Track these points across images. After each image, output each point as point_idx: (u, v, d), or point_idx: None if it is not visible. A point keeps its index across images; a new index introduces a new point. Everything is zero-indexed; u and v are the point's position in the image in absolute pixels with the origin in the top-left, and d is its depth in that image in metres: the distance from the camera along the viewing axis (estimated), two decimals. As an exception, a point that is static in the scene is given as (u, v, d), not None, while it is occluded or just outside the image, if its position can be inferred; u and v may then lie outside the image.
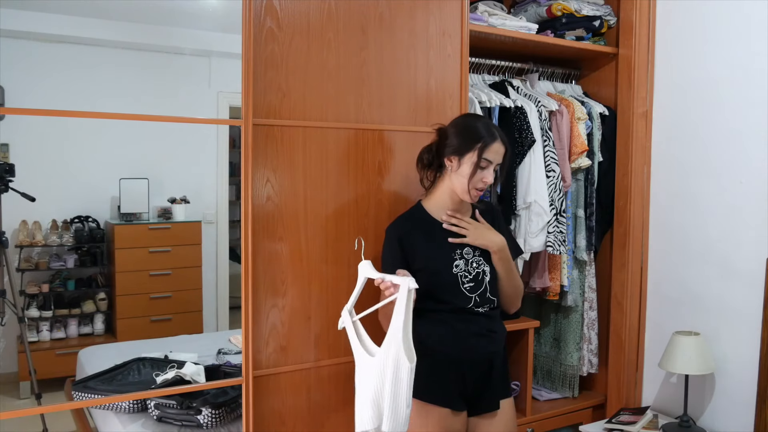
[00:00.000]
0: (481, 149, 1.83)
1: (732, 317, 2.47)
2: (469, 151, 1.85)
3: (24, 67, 2.69)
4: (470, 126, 1.89)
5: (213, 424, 2.20)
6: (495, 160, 1.86)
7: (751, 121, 2.41)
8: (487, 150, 1.84)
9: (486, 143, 1.84)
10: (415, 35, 2.30)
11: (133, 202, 3.02)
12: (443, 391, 1.88)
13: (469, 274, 1.90)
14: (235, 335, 2.79)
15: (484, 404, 1.94)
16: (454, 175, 1.90)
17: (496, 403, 1.95)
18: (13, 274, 2.62)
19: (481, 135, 1.85)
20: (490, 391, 1.93)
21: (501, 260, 1.95)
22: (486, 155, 1.84)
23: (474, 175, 1.84)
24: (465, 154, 1.86)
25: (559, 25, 2.78)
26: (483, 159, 1.84)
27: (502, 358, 1.99)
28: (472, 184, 1.85)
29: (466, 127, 1.90)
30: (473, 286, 1.90)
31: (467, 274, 1.90)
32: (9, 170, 2.45)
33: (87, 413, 2.45)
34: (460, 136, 1.88)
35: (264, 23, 2.01)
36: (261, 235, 2.04)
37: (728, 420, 2.50)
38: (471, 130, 1.87)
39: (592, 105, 2.85)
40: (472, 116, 2.01)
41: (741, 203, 2.45)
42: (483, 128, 1.87)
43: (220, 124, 3.20)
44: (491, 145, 1.84)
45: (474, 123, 1.90)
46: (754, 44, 2.39)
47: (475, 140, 1.85)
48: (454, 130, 1.91)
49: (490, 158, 1.84)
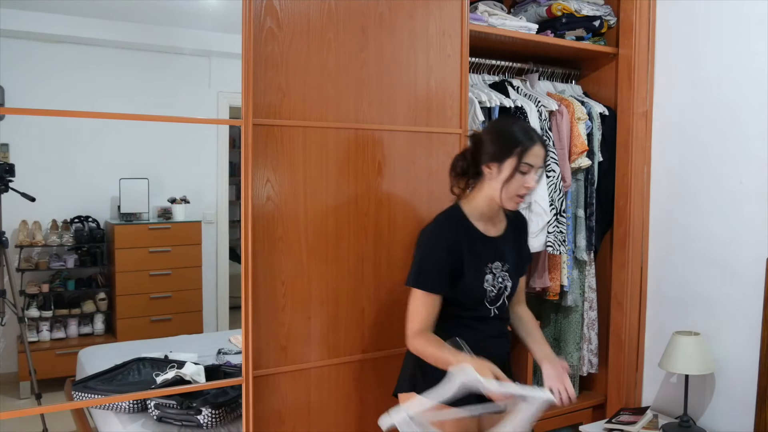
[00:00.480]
0: (521, 154, 1.75)
1: (732, 317, 2.47)
2: (509, 157, 1.76)
3: (24, 67, 2.69)
4: (507, 131, 1.81)
5: (213, 424, 2.20)
6: (536, 164, 1.77)
7: (750, 121, 2.41)
8: (527, 154, 1.75)
9: (526, 147, 1.75)
10: (415, 35, 2.30)
11: (133, 202, 3.02)
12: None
13: (495, 289, 1.87)
14: (235, 335, 2.79)
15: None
16: (494, 183, 1.80)
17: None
18: (13, 274, 2.62)
19: (519, 139, 1.76)
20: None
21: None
22: (527, 159, 1.75)
23: (516, 181, 1.76)
24: (504, 160, 1.76)
25: (559, 25, 2.78)
26: (524, 164, 1.75)
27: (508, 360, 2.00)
28: (514, 191, 1.77)
29: (502, 132, 1.82)
30: (494, 298, 1.89)
31: (493, 289, 1.87)
32: (9, 170, 2.45)
33: (87, 413, 2.45)
34: (498, 141, 1.80)
35: (264, 23, 2.01)
36: (261, 235, 2.04)
37: (728, 420, 2.50)
38: (508, 135, 1.79)
39: (592, 105, 2.85)
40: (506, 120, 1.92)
41: (741, 203, 2.45)
42: (521, 132, 1.79)
43: (220, 124, 3.20)
44: (531, 149, 1.75)
45: (510, 127, 1.82)
46: (754, 44, 2.39)
47: (514, 145, 1.76)
48: (490, 136, 1.83)
49: (531, 162, 1.76)
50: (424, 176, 2.34)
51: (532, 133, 1.79)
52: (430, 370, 1.81)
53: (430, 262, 1.80)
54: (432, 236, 1.85)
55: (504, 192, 1.78)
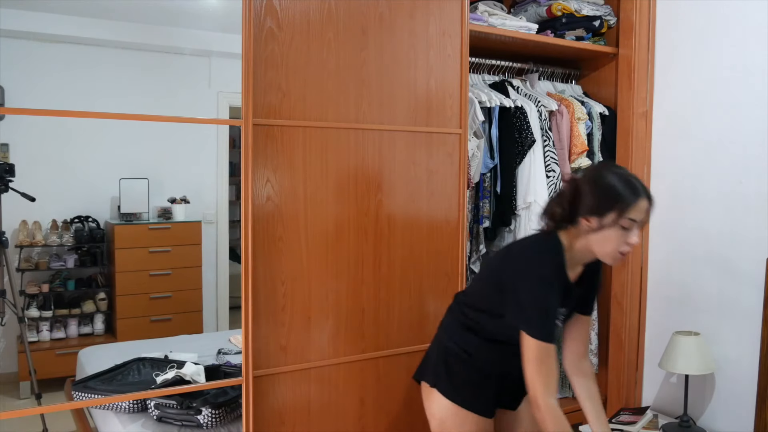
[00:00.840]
0: (624, 209, 1.62)
1: (732, 317, 2.47)
2: (610, 212, 1.63)
3: (24, 67, 2.69)
4: (609, 183, 1.66)
5: (213, 424, 2.20)
6: (639, 219, 1.64)
7: (750, 121, 2.41)
8: (631, 210, 1.62)
9: (629, 203, 1.62)
10: (415, 35, 2.30)
11: (133, 202, 3.03)
12: (484, 401, 1.85)
13: None
14: (235, 335, 2.79)
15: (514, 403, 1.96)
16: (592, 236, 1.68)
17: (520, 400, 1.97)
18: (13, 274, 2.62)
19: (622, 194, 1.63)
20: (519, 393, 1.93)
21: None
22: (630, 215, 1.62)
23: (617, 237, 1.64)
24: (605, 215, 1.63)
25: (559, 25, 2.78)
26: (627, 219, 1.63)
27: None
28: (615, 247, 1.66)
29: (603, 184, 1.66)
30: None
31: None
32: (9, 170, 2.45)
33: (87, 413, 2.45)
34: (598, 194, 1.66)
35: (264, 23, 2.01)
36: (261, 235, 2.04)
37: (728, 420, 2.50)
38: (610, 189, 1.65)
39: (592, 105, 2.85)
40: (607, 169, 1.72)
41: (741, 203, 2.44)
42: (623, 185, 1.64)
43: (220, 124, 3.20)
44: (635, 204, 1.62)
45: (612, 179, 1.66)
46: (754, 44, 2.39)
47: (616, 200, 1.63)
48: (590, 188, 1.68)
49: (634, 218, 1.63)
50: (424, 176, 2.35)
51: (636, 185, 1.65)
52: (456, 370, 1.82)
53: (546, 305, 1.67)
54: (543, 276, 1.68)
55: (603, 248, 1.67)
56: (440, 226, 2.39)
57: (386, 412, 2.31)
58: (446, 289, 2.41)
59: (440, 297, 2.40)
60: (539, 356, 1.66)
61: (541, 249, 1.74)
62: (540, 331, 1.65)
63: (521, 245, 1.82)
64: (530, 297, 1.67)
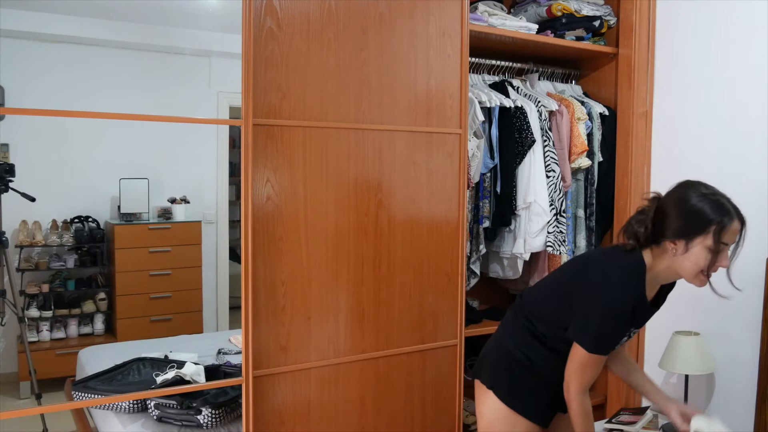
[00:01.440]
0: (717, 233, 1.56)
1: (732, 317, 2.47)
2: (700, 235, 1.57)
3: (24, 67, 2.69)
4: (697, 207, 1.59)
5: (213, 424, 2.20)
6: (731, 241, 1.59)
7: (750, 121, 2.40)
8: (725, 234, 1.57)
9: (723, 225, 1.56)
10: (415, 35, 2.30)
11: (133, 202, 3.03)
12: (539, 407, 1.84)
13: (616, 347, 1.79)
14: (235, 335, 2.80)
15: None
16: (679, 259, 1.62)
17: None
18: (13, 274, 2.62)
19: (712, 217, 1.57)
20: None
21: None
22: (724, 240, 1.57)
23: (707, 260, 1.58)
24: (695, 238, 1.58)
25: (559, 25, 2.78)
26: (721, 243, 1.56)
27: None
28: (703, 269, 1.60)
29: (691, 208, 1.60)
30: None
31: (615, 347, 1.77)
32: (9, 170, 2.45)
33: (87, 413, 2.45)
34: (687, 218, 1.60)
35: (264, 23, 2.01)
36: (261, 235, 2.04)
37: (728, 420, 2.49)
38: (698, 213, 1.58)
39: (592, 105, 2.85)
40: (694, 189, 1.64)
41: (741, 203, 2.44)
42: (714, 207, 1.58)
43: (220, 124, 3.20)
44: (729, 227, 1.57)
45: (701, 202, 1.60)
46: (754, 44, 2.39)
47: (708, 223, 1.57)
48: (677, 211, 1.61)
49: (726, 241, 1.57)
50: (424, 176, 2.35)
51: (728, 206, 1.59)
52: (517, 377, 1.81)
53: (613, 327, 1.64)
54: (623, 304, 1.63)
55: (692, 271, 1.62)
56: (440, 226, 2.39)
57: (386, 412, 2.31)
58: (446, 289, 2.41)
59: (440, 297, 2.40)
60: (586, 363, 1.67)
61: (624, 271, 1.66)
62: (596, 347, 1.64)
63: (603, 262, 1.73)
64: (600, 320, 1.63)
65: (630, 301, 1.62)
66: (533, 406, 1.82)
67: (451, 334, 2.43)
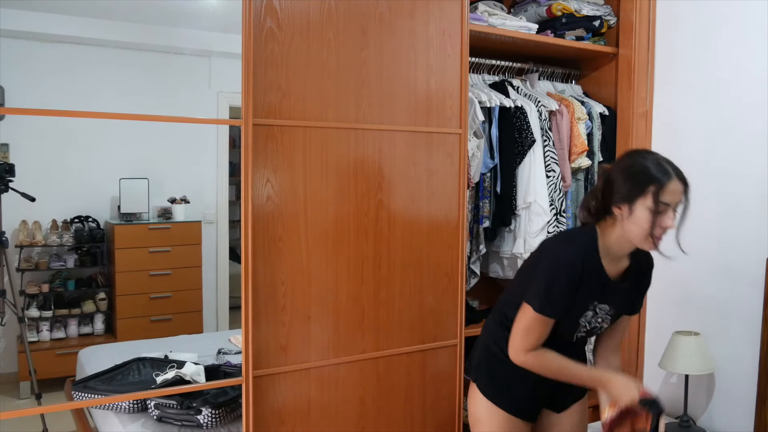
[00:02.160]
0: (656, 192, 1.60)
1: (732, 317, 2.47)
2: (641, 196, 1.61)
3: (24, 67, 2.69)
4: (639, 167, 1.65)
5: (213, 424, 2.20)
6: (673, 201, 1.62)
7: (750, 121, 2.40)
8: (664, 192, 1.60)
9: (661, 185, 1.60)
10: (415, 35, 2.30)
11: (133, 202, 3.03)
12: (519, 402, 1.84)
13: (589, 326, 1.77)
14: (235, 335, 2.80)
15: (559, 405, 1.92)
16: (626, 224, 1.65)
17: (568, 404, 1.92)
18: (13, 274, 2.62)
19: (652, 176, 1.61)
20: (565, 395, 1.90)
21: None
22: (663, 198, 1.60)
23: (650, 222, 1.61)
24: (636, 200, 1.62)
25: (559, 25, 2.78)
26: (660, 203, 1.60)
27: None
28: (649, 232, 1.62)
29: (634, 169, 1.66)
30: (583, 336, 1.80)
31: (587, 326, 1.77)
32: (9, 170, 2.45)
33: (87, 413, 2.45)
34: (629, 180, 1.64)
35: (264, 23, 2.01)
36: (261, 235, 2.04)
37: (728, 420, 2.50)
38: (640, 172, 1.63)
39: (592, 105, 2.85)
40: (639, 154, 1.72)
41: (741, 203, 2.44)
42: (654, 167, 1.63)
43: (220, 124, 3.20)
44: (667, 186, 1.60)
45: (643, 163, 1.65)
46: (754, 44, 2.39)
47: (647, 182, 1.61)
48: (621, 177, 1.66)
49: (667, 201, 1.61)
50: (424, 176, 2.34)
51: (667, 167, 1.64)
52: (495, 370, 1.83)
53: (559, 289, 1.67)
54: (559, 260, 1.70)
55: (638, 234, 1.64)
56: (440, 226, 2.39)
57: (386, 412, 2.31)
58: (446, 289, 2.41)
59: (440, 297, 2.40)
60: (531, 323, 1.69)
61: (570, 236, 1.79)
62: (541, 305, 1.67)
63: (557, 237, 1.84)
64: (547, 278, 1.68)
65: (577, 262, 1.67)
66: (513, 399, 1.83)
67: (451, 334, 2.43)
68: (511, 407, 1.84)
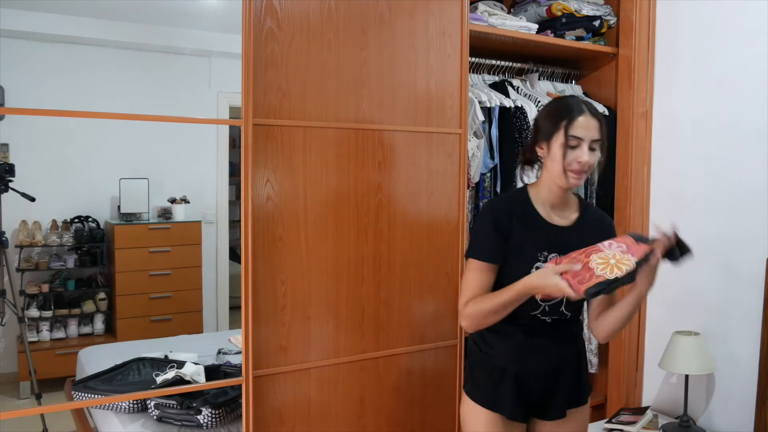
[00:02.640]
0: (567, 127, 1.66)
1: (732, 317, 2.47)
2: (555, 132, 1.68)
3: (24, 67, 2.69)
4: (554, 106, 1.74)
5: (213, 424, 2.20)
6: (586, 136, 1.67)
7: (750, 121, 2.40)
8: (573, 126, 1.66)
9: (571, 119, 1.66)
10: (415, 35, 2.30)
11: (133, 202, 3.03)
12: (500, 399, 1.76)
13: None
14: (235, 335, 2.80)
15: (552, 412, 1.79)
16: (548, 162, 1.72)
17: (563, 411, 1.79)
18: (13, 274, 2.62)
19: (563, 112, 1.69)
20: (557, 399, 1.78)
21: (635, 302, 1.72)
22: (573, 132, 1.66)
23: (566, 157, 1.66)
24: (552, 137, 1.69)
25: (559, 25, 2.78)
26: (571, 137, 1.66)
27: (576, 366, 1.82)
28: (565, 167, 1.67)
29: (551, 109, 1.75)
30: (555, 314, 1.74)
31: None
32: (9, 170, 2.45)
33: (87, 413, 2.45)
34: (546, 119, 1.72)
35: (264, 23, 2.01)
36: (261, 235, 2.04)
37: (728, 420, 2.50)
38: (554, 110, 1.72)
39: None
40: (562, 97, 1.81)
41: (741, 203, 2.44)
42: (566, 106, 1.70)
43: (220, 124, 3.20)
44: (576, 120, 1.66)
45: (558, 102, 1.75)
46: (754, 44, 2.39)
47: (560, 119, 1.68)
48: (541, 116, 1.76)
49: (579, 135, 1.66)
50: (424, 176, 2.35)
51: (581, 105, 1.70)
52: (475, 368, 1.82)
53: (478, 230, 1.76)
54: (484, 208, 1.83)
55: (555, 169, 1.69)
56: (440, 226, 2.39)
57: (386, 412, 2.31)
58: (446, 289, 2.41)
59: (440, 297, 2.40)
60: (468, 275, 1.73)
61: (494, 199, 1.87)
62: (470, 249, 1.74)
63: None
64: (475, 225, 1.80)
65: (501, 206, 1.75)
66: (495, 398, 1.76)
67: (451, 334, 2.43)
68: (494, 405, 1.77)
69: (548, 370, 1.76)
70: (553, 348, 1.76)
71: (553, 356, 1.76)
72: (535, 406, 1.79)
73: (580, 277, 1.48)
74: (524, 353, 1.75)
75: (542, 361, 1.75)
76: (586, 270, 1.50)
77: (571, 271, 1.51)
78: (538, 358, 1.75)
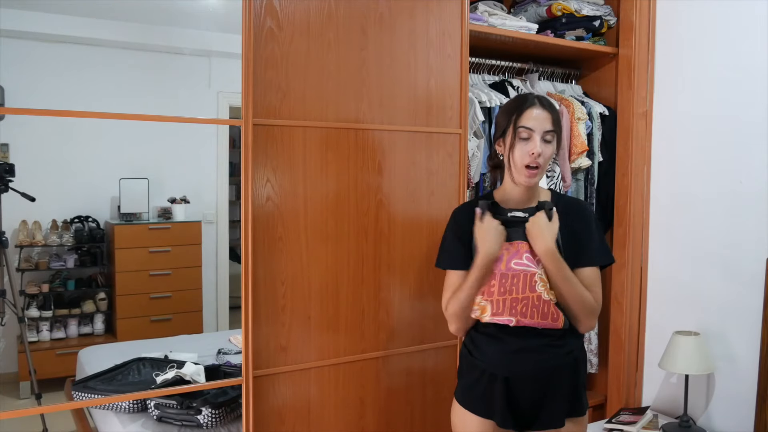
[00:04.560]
0: (516, 119, 1.66)
1: (732, 317, 2.47)
2: (509, 127, 1.68)
3: (24, 67, 2.69)
4: (508, 102, 1.74)
5: (213, 424, 2.20)
6: (537, 128, 1.65)
7: (750, 121, 2.40)
8: (522, 118, 1.66)
9: (521, 111, 1.66)
10: (415, 35, 2.30)
11: (133, 202, 3.03)
12: (487, 403, 1.73)
13: None
14: (235, 335, 2.79)
15: (544, 420, 1.70)
16: (507, 160, 1.71)
17: (559, 420, 1.70)
18: (13, 274, 2.62)
19: (513, 106, 1.69)
20: (549, 407, 1.70)
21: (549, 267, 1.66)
22: (522, 123, 1.65)
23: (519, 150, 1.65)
24: (506, 132, 1.69)
25: (559, 25, 2.78)
26: (521, 128, 1.65)
27: (571, 373, 1.73)
28: (520, 162, 1.66)
29: (505, 105, 1.75)
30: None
31: None
32: (9, 170, 2.45)
33: (87, 413, 2.45)
34: (501, 116, 1.73)
35: (264, 23, 2.01)
36: (261, 235, 2.04)
37: (728, 420, 2.50)
38: (507, 106, 1.72)
39: (592, 105, 2.85)
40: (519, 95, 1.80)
41: (741, 203, 2.44)
42: (517, 100, 1.71)
43: (220, 124, 3.20)
44: (525, 112, 1.66)
45: (513, 99, 1.76)
46: (754, 44, 2.39)
47: (511, 113, 1.68)
48: (498, 114, 1.76)
49: (529, 125, 1.65)
50: (424, 176, 2.35)
51: (532, 98, 1.69)
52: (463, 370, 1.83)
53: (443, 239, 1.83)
54: (453, 213, 1.85)
55: (513, 165, 1.69)
56: (440, 226, 2.38)
57: (386, 412, 2.31)
58: (446, 289, 2.41)
59: (440, 297, 2.39)
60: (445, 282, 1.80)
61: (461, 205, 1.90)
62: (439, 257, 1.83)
63: None
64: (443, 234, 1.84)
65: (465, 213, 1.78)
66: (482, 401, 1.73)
67: (450, 334, 2.42)
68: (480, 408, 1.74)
69: (539, 375, 1.69)
70: (544, 353, 1.70)
71: (544, 362, 1.69)
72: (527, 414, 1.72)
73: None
74: (514, 357, 1.70)
75: (532, 367, 1.69)
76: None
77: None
78: (527, 364, 1.69)
